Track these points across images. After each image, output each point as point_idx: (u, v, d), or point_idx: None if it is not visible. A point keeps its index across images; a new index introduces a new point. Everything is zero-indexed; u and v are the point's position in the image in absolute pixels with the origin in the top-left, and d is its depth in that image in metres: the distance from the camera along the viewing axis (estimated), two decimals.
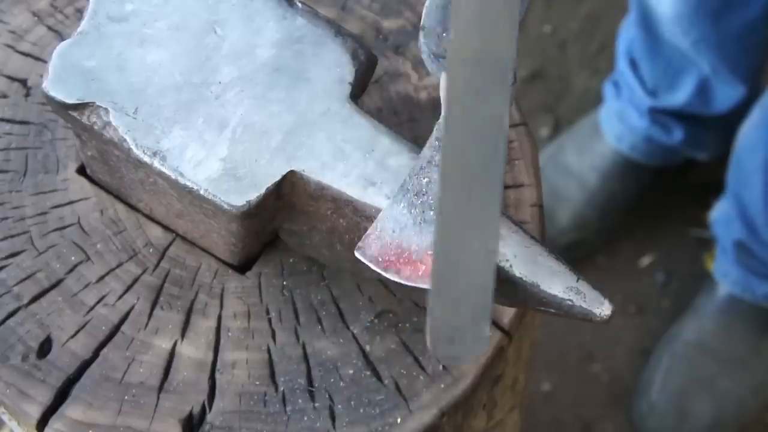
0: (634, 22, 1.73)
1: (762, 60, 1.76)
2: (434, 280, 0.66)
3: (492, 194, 0.66)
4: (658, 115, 1.80)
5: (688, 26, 1.63)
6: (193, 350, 0.85)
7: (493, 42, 0.64)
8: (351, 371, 0.85)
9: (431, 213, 0.78)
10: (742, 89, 1.73)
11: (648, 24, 1.69)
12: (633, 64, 1.78)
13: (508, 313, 0.87)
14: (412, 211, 0.78)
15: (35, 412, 0.82)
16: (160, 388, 0.84)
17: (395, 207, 0.78)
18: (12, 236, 0.88)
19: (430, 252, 0.77)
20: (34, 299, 0.86)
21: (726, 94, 1.74)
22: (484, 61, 0.65)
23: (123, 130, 0.81)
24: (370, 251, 0.78)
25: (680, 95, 1.76)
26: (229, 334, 0.86)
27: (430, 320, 0.67)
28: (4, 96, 0.93)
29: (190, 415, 0.83)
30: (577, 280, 0.78)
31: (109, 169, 0.86)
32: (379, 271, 0.77)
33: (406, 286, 0.77)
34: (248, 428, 0.83)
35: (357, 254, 0.78)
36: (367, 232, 0.78)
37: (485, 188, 0.66)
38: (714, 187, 1.82)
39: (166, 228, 0.89)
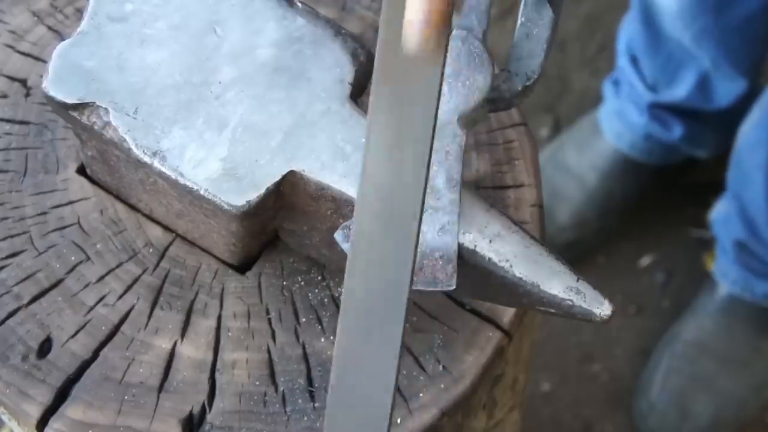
0: (635, 17, 1.73)
1: (762, 53, 1.76)
2: (329, 415, 0.64)
3: (392, 338, 0.63)
4: (658, 111, 1.80)
5: (689, 19, 1.63)
6: (193, 350, 0.85)
7: (402, 183, 0.62)
8: None
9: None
10: (743, 83, 1.73)
11: (649, 19, 1.69)
12: (633, 61, 1.78)
13: (508, 313, 0.87)
14: None
15: (35, 412, 0.82)
16: (160, 388, 0.84)
17: None
18: (12, 236, 0.88)
19: None
20: (34, 299, 0.86)
21: (726, 89, 1.74)
22: (392, 199, 0.63)
23: (123, 130, 0.81)
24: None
25: (680, 90, 1.75)
26: (229, 334, 0.86)
27: None
28: (4, 96, 0.93)
29: (190, 415, 0.83)
30: (577, 280, 0.78)
31: (109, 169, 0.86)
32: None
33: None
34: (248, 428, 0.83)
35: (336, 236, 0.75)
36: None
37: (385, 331, 0.64)
38: (714, 187, 1.82)
39: (166, 228, 0.89)
